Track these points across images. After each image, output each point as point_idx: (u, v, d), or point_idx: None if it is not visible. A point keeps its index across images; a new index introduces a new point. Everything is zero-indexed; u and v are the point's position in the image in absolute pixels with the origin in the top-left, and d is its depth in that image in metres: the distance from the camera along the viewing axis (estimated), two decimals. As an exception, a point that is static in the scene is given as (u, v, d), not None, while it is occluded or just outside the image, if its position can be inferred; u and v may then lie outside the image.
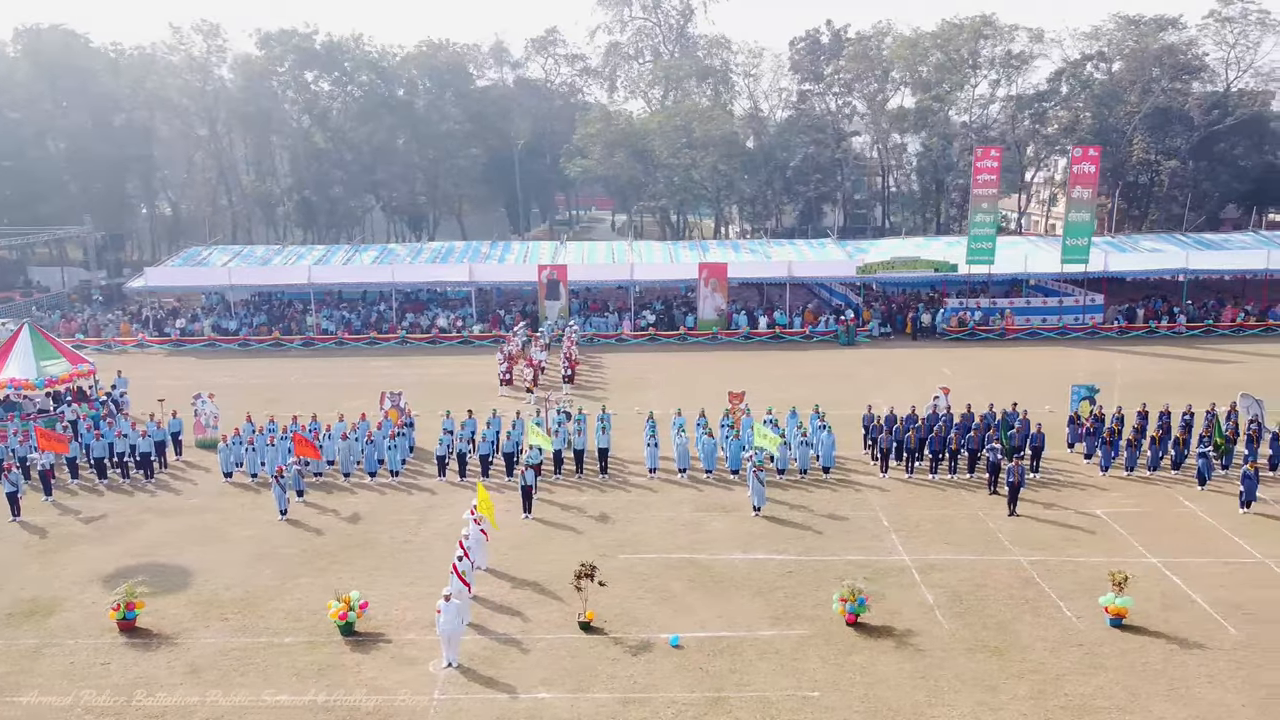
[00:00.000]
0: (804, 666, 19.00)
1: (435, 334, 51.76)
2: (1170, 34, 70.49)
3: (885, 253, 55.91)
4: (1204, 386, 38.47)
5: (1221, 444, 28.51)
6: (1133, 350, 48.13)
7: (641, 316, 52.95)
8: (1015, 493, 26.56)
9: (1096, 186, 52.47)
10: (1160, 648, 19.48)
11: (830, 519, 26.66)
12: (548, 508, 27.80)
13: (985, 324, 51.77)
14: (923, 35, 72.25)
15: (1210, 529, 25.48)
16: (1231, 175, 69.26)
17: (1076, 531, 25.50)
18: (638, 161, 71.60)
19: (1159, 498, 27.85)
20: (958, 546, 24.62)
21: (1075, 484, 29.17)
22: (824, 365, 45.90)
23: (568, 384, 41.52)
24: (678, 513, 27.24)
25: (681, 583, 22.79)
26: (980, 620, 20.67)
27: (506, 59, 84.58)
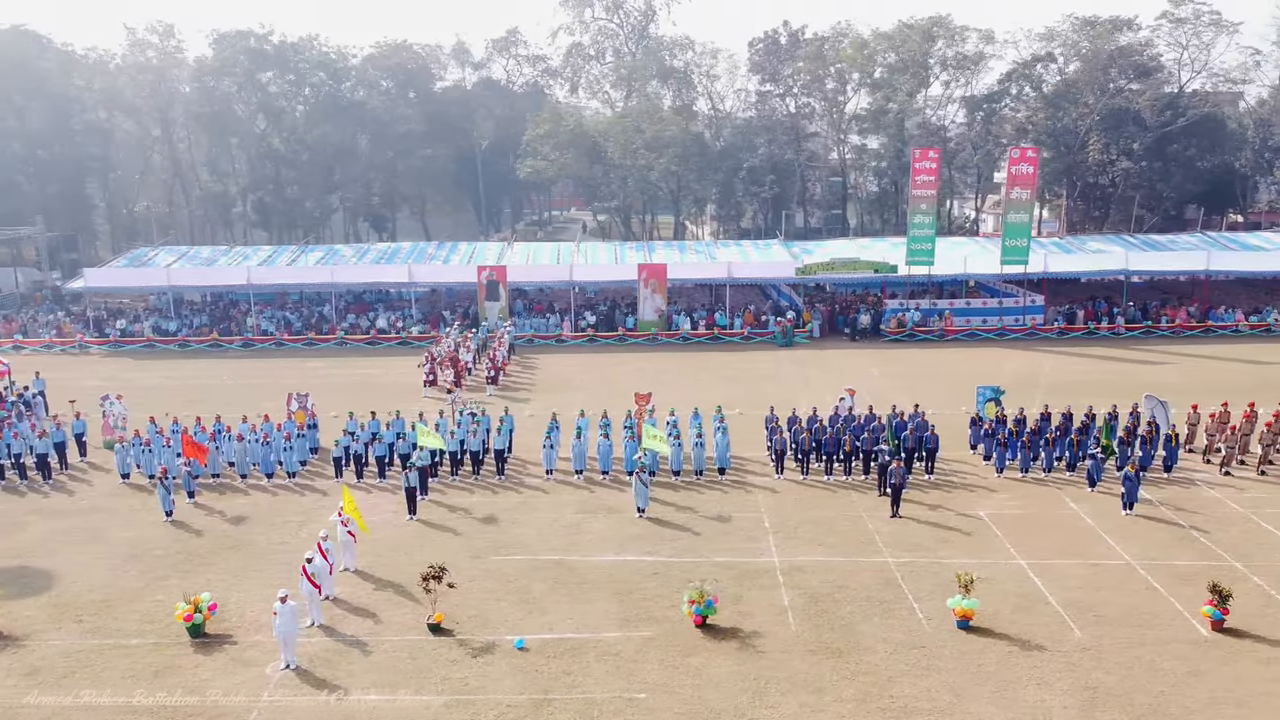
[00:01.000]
0: (640, 669, 18.96)
1: (374, 334, 51.66)
2: (1125, 35, 70.44)
3: (832, 254, 55.91)
4: (1127, 387, 38.51)
5: (1109, 446, 28.46)
6: (1067, 351, 48.15)
7: (582, 318, 52.86)
8: (897, 494, 26.55)
9: (1035, 187, 52.44)
10: (1000, 649, 19.45)
11: (713, 520, 26.63)
12: (435, 509, 27.78)
13: (924, 325, 51.71)
14: (874, 37, 72.19)
15: (1088, 531, 25.47)
16: (1185, 176, 69.25)
17: (954, 533, 25.47)
18: (591, 162, 71.49)
19: (1046, 499, 27.83)
20: (831, 548, 24.59)
21: (968, 485, 29.15)
22: (754, 366, 45.90)
23: (492, 385, 41.47)
24: (561, 514, 27.21)
25: (544, 584, 22.75)
26: (829, 622, 20.65)
27: (467, 60, 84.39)
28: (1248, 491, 28.25)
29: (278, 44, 73.11)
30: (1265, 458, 29.63)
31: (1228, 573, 22.71)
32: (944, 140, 73.38)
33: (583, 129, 71.14)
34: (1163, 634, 19.96)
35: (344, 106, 74.34)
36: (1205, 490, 28.34)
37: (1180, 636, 19.86)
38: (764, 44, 76.84)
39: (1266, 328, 51.58)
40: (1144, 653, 19.22)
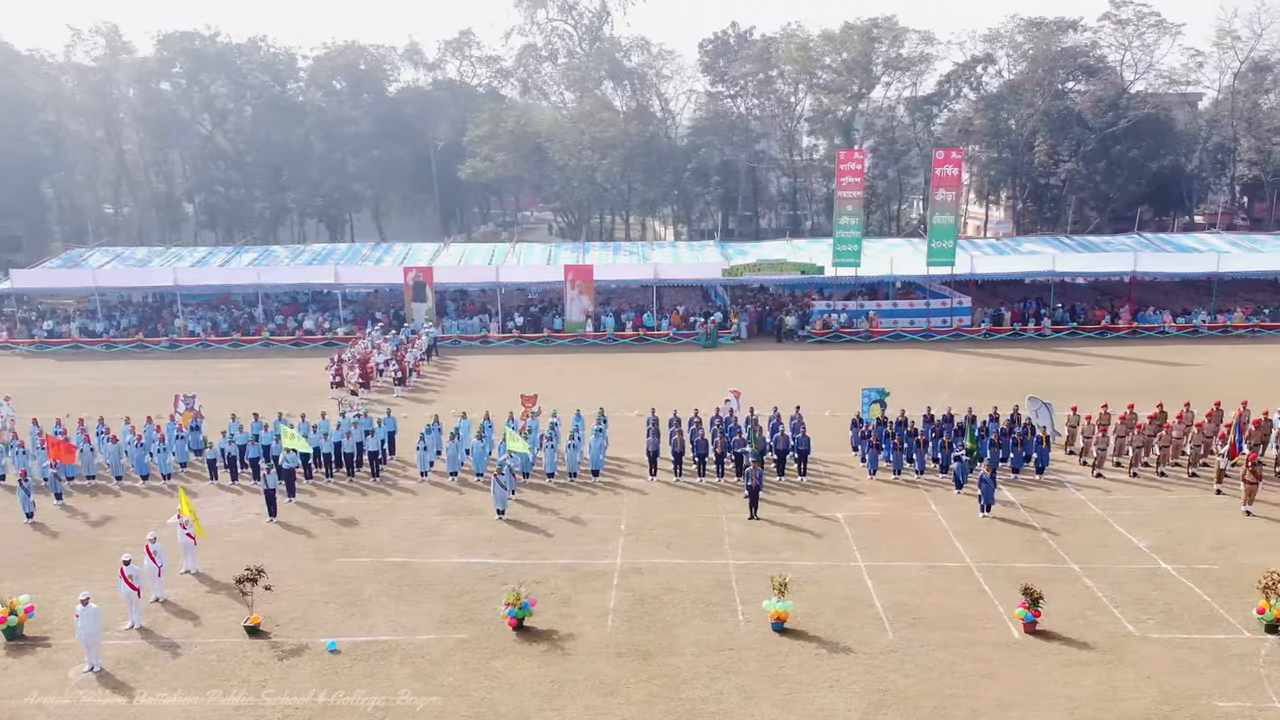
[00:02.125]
0: (442, 671, 18.94)
1: (299, 336, 51.60)
2: (1070, 36, 70.54)
3: (764, 255, 55.96)
4: (1031, 389, 38.32)
5: (973, 448, 28.47)
6: (987, 353, 48.14)
7: (511, 319, 52.84)
8: (754, 496, 26.53)
9: (960, 189, 52.46)
10: (807, 652, 19.45)
11: (571, 522, 26.61)
12: (299, 511, 27.75)
13: (850, 327, 51.72)
14: (818, 38, 72.24)
15: (940, 533, 25.47)
16: (1129, 178, 69.35)
17: (805, 535, 25.47)
18: (533, 163, 71.44)
19: (910, 501, 27.83)
20: (677, 550, 24.58)
21: (838, 487, 29.14)
22: (674, 368, 45.87)
23: (399, 387, 41.42)
24: (422, 516, 27.19)
25: (378, 587, 22.72)
26: (648, 625, 20.63)
27: (420, 61, 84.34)
28: (1113, 494, 28.28)
29: (222, 46, 72.99)
30: (1136, 460, 29.61)
31: (1063, 575, 22.78)
32: (891, 142, 73.42)
33: (522, 130, 71.03)
34: (975, 636, 19.95)
35: (285, 108, 74.25)
36: (1072, 492, 28.36)
37: (991, 639, 19.85)
38: (713, 45, 76.82)
39: (1194, 329, 51.56)
40: (949, 655, 19.21)
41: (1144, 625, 20.30)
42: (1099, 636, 19.86)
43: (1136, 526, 25.58)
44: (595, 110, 72.78)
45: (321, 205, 78.68)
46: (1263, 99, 76.93)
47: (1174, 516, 26.32)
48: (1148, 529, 25.41)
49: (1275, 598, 19.82)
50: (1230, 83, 72.80)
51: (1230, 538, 24.80)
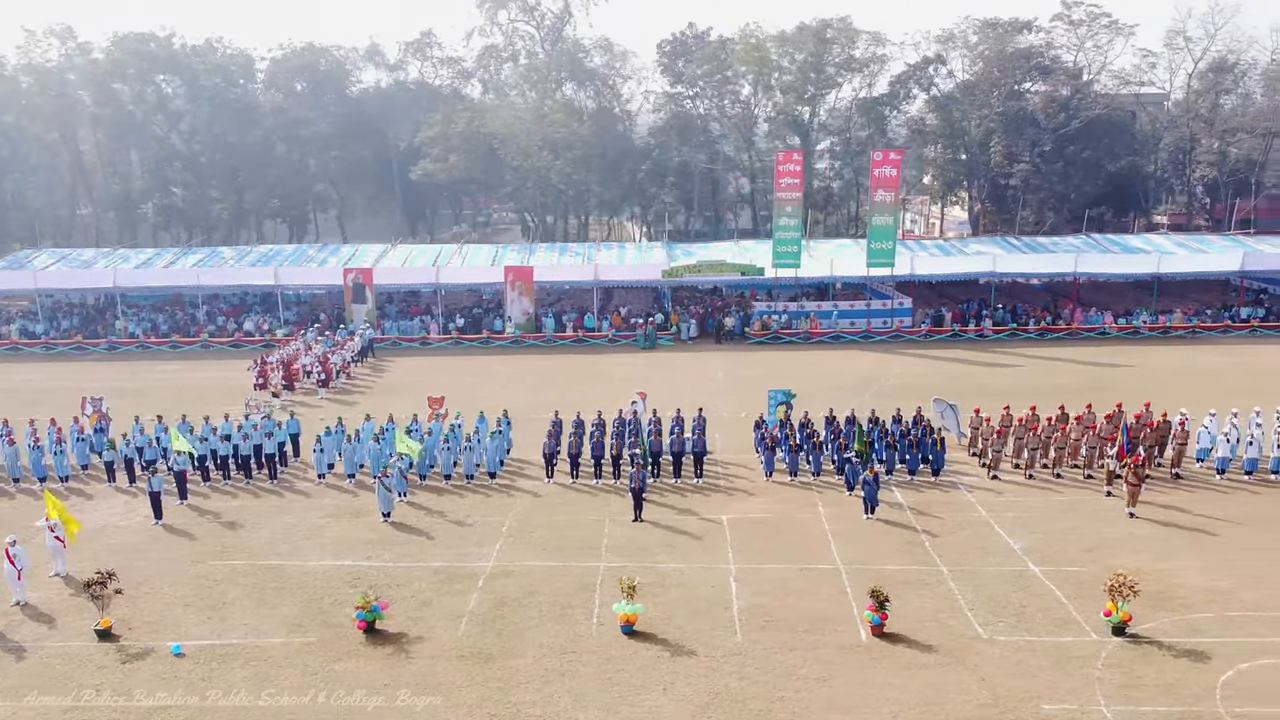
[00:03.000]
0: (279, 674, 18.90)
1: (239, 338, 51.52)
2: (1026, 37, 70.59)
3: (711, 256, 55.94)
4: (957, 390, 38.42)
5: (863, 449, 28.45)
6: (923, 354, 48.11)
7: (452, 320, 52.80)
8: (638, 498, 26.50)
9: (899, 190, 52.45)
10: (650, 654, 19.42)
11: (455, 525, 26.60)
12: (187, 514, 27.70)
13: (790, 328, 51.71)
14: (769, 39, 72.23)
15: (820, 535, 25.44)
16: (1084, 178, 69.38)
17: (684, 538, 25.43)
18: (486, 164, 71.35)
19: (799, 503, 27.79)
20: (552, 553, 24.54)
21: (732, 489, 29.12)
22: (606, 369, 45.81)
23: (323, 389, 41.36)
24: (307, 518, 27.14)
25: (244, 589, 22.68)
26: (500, 627, 20.59)
27: (382, 62, 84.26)
28: (1004, 496, 28.28)
29: (176, 48, 72.92)
30: (1032, 462, 29.62)
31: (930, 577, 22.78)
32: (848, 143, 73.44)
33: (473, 130, 70.95)
34: (822, 639, 19.93)
35: (242, 109, 74.19)
36: (964, 494, 28.36)
37: (838, 642, 19.83)
38: (671, 46, 76.80)
39: (1134, 330, 51.59)
40: (790, 658, 19.19)
41: (994, 628, 20.27)
42: (945, 639, 19.83)
43: (1017, 528, 25.57)
44: (549, 110, 72.68)
45: (278, 206, 78.56)
46: (1224, 99, 77.07)
47: (1058, 518, 26.31)
48: (1027, 531, 25.40)
49: (1122, 600, 19.77)
50: (1186, 83, 72.83)
51: (1107, 540, 24.80)
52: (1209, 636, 19.76)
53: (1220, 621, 20.38)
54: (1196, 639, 19.65)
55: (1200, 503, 27.33)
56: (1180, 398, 34.12)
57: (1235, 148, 71.52)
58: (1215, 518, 26.19)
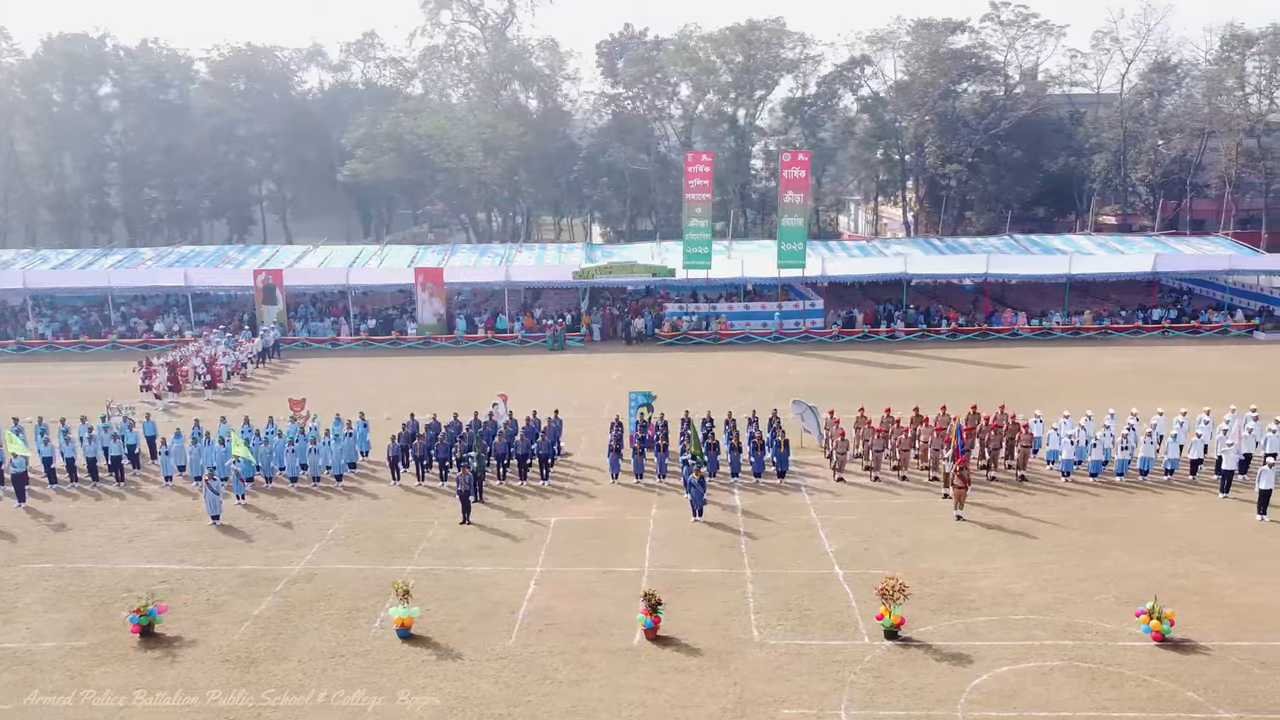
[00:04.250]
0: (40, 678, 18.76)
1: (147, 339, 51.40)
2: (959, 38, 70.62)
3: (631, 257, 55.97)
4: (849, 392, 38.43)
5: (697, 451, 28.39)
6: (828, 355, 48.16)
7: (363, 321, 52.73)
8: (465, 501, 26.43)
9: (809, 191, 52.43)
10: (417, 658, 19.34)
11: (282, 527, 26.54)
12: (20, 516, 27.61)
13: (700, 329, 51.67)
14: (696, 40, 72.24)
15: (640, 537, 25.40)
16: (1014, 178, 69.44)
17: (504, 540, 25.39)
18: (413, 165, 71.22)
19: (636, 506, 27.75)
20: (369, 556, 24.48)
21: (576, 491, 29.13)
22: (508, 370, 45.78)
23: (209, 390, 41.26)
24: (139, 521, 27.05)
25: (40, 593, 22.56)
26: (278, 630, 20.50)
27: (325, 63, 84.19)
28: (843, 498, 28.28)
29: (109, 49, 72.78)
30: (877, 463, 29.59)
31: (731, 580, 22.74)
32: (787, 143, 73.42)
33: (397, 131, 70.80)
34: (596, 642, 19.85)
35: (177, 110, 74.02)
36: (803, 496, 28.33)
37: (610, 645, 19.75)
38: (610, 46, 76.76)
39: (1043, 331, 51.63)
40: (556, 661, 19.12)
41: (771, 631, 20.21)
42: (718, 642, 19.76)
43: (839, 531, 25.54)
44: (479, 111, 72.56)
45: (211, 207, 78.37)
46: (1164, 100, 77.19)
47: (885, 521, 26.28)
48: (848, 534, 25.37)
49: (893, 603, 19.74)
50: (1120, 84, 72.95)
51: (925, 543, 24.78)
52: (981, 640, 19.73)
53: (1000, 625, 20.35)
54: (968, 642, 19.61)
55: (1034, 505, 27.34)
56: (1058, 399, 34.31)
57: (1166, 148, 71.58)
58: (1042, 520, 26.18)
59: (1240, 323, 52.00)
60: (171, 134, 74.00)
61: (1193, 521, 26.03)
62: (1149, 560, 23.51)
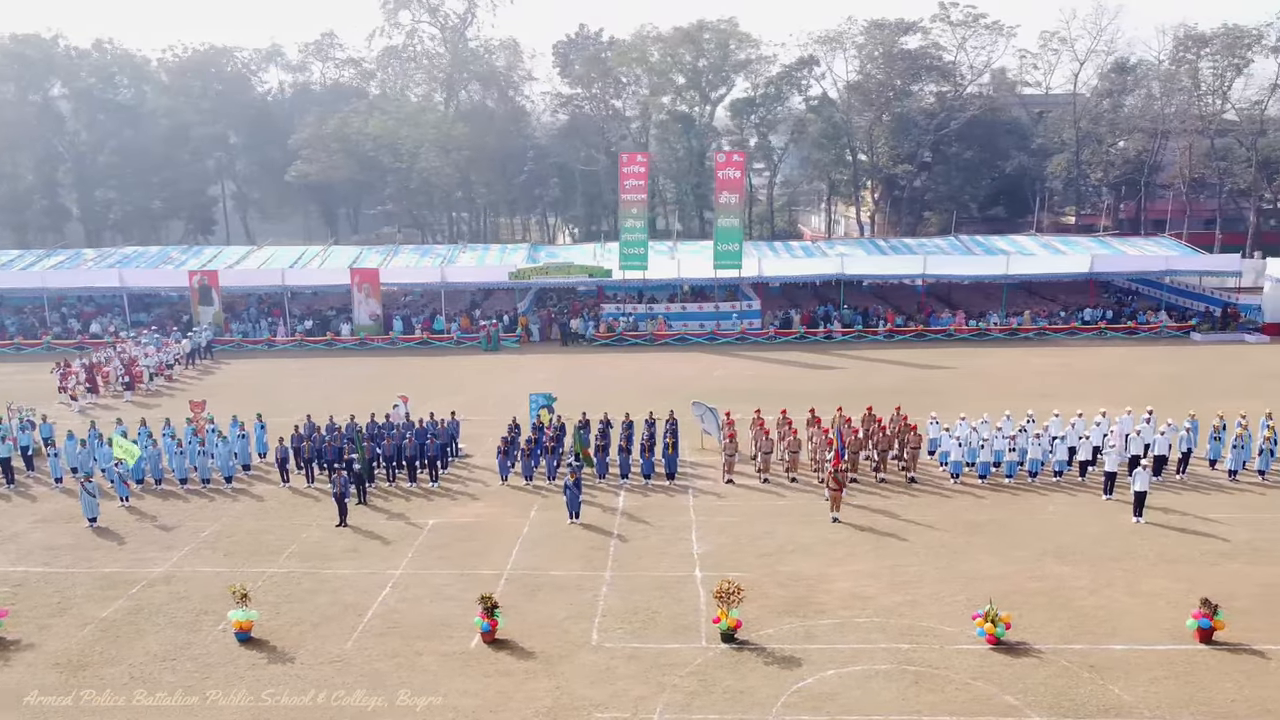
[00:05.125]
0: None
1: (83, 340, 51.31)
2: (912, 38, 70.63)
3: (572, 258, 55.92)
4: (769, 393, 38.37)
5: (581, 453, 28.34)
6: (760, 356, 48.10)
7: (301, 322, 52.65)
8: (339, 503, 26.35)
9: (744, 191, 52.36)
10: (247, 661, 19.25)
11: (158, 529, 26.48)
12: (-105, 520, 27.47)
13: (636, 330, 51.63)
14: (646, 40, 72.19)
15: (509, 540, 25.33)
16: (965, 179, 69.47)
17: (374, 543, 25.33)
18: (363, 166, 71.14)
19: (517, 508, 27.70)
20: (237, 558, 24.42)
21: (463, 493, 29.09)
22: (439, 371, 45.77)
23: (128, 391, 41.17)
24: (16, 523, 26.99)
25: (-112, 598, 22.46)
26: (118, 634, 20.40)
27: (284, 63, 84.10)
28: (727, 499, 28.27)
29: (61, 49, 72.68)
30: (766, 465, 29.55)
31: (589, 583, 22.69)
32: (740, 144, 73.39)
33: (343, 132, 70.73)
34: (432, 645, 19.78)
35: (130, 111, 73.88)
36: (689, 498, 28.28)
37: (446, 649, 19.68)
38: (565, 46, 76.71)
39: (978, 331, 51.64)
40: (386, 665, 19.05)
41: (611, 634, 20.15)
42: (554, 645, 19.70)
43: (712, 534, 25.50)
44: (427, 111, 72.46)
45: (164, 208, 78.23)
46: (1124, 100, 77.27)
47: (760, 523, 26.23)
48: (720, 536, 25.33)
49: (729, 606, 19.70)
50: (1073, 84, 73.01)
51: (794, 545, 24.73)
52: (817, 643, 19.68)
53: (841, 627, 20.31)
54: (802, 645, 19.57)
55: (915, 507, 27.31)
56: (974, 400, 34.56)
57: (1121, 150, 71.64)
58: (918, 523, 26.15)
59: (1176, 324, 52.03)
60: (125, 134, 73.89)
61: (1068, 524, 25.98)
62: (1011, 563, 23.48)
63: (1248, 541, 24.55)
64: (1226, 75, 70.05)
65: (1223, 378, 42.44)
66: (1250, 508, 26.92)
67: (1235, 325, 51.72)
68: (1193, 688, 17.87)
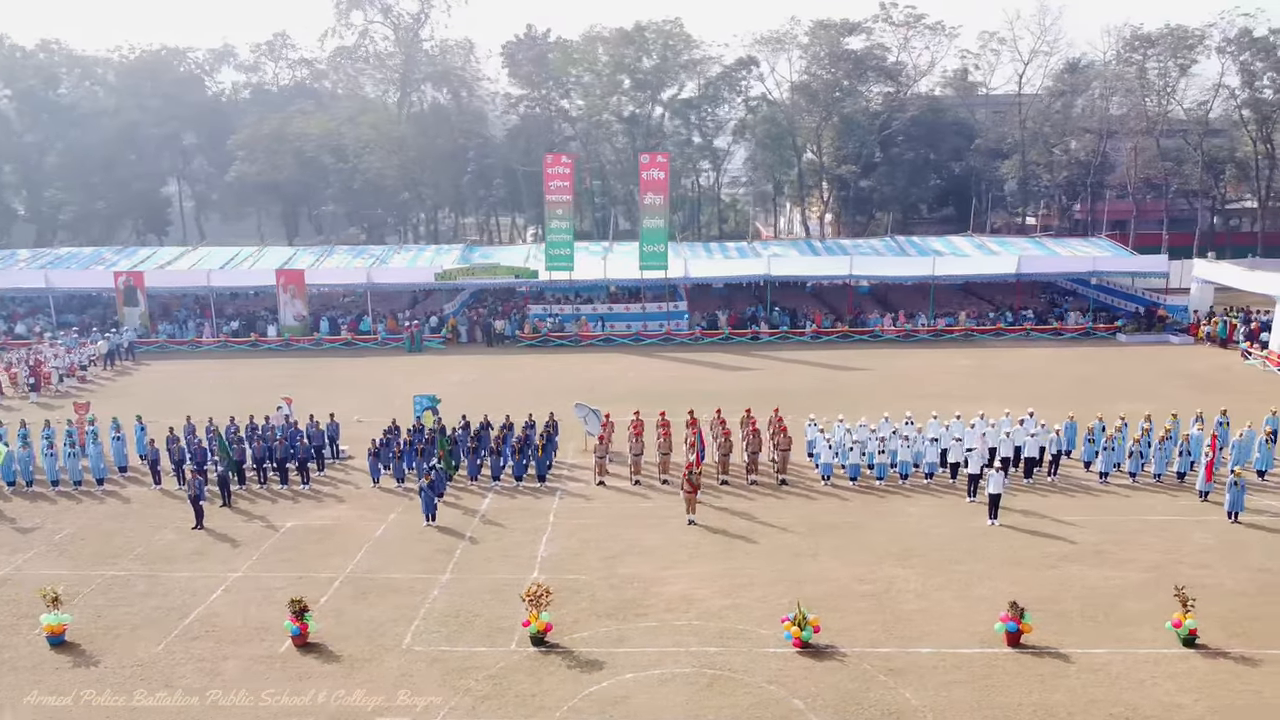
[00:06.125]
0: None
1: (4, 342, 51.21)
2: (856, 39, 70.64)
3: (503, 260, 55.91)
4: (680, 394, 38.35)
5: (440, 455, 28.31)
6: (678, 357, 48.10)
7: (227, 323, 52.58)
8: (195, 505, 26.31)
9: (668, 192, 52.36)
10: (53, 664, 19.24)
11: (16, 531, 26.47)
12: None
13: (562, 331, 51.60)
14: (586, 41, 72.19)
15: (357, 543, 25.26)
16: (909, 180, 69.50)
17: (223, 546, 25.28)
18: (303, 166, 71.04)
19: (378, 510, 27.66)
20: (80, 560, 24.38)
21: (331, 495, 29.05)
22: (359, 372, 45.75)
23: (34, 393, 41.08)
24: (-127, 527, 26.89)
25: None
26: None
27: (237, 63, 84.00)
28: (593, 501, 28.29)
29: (6, 48, 72.58)
30: (637, 467, 29.53)
31: (423, 585, 22.72)
32: (685, 144, 73.37)
33: (283, 131, 70.62)
34: (241, 650, 19.71)
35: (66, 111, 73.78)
36: (554, 500, 28.26)
37: (258, 653, 19.64)
38: (513, 48, 76.67)
39: (904, 333, 51.67)
40: (190, 669, 19.00)
41: (425, 638, 20.11)
42: (363, 649, 19.66)
43: (564, 535, 25.49)
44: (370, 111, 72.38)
45: (108, 208, 78.06)
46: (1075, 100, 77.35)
47: (618, 525, 26.21)
48: (571, 538, 25.32)
49: (538, 609, 19.68)
50: (1018, 85, 73.13)
51: (641, 547, 24.71)
52: (625, 646, 19.66)
53: (656, 630, 20.29)
54: (610, 649, 19.54)
55: (775, 509, 27.32)
56: (874, 401, 34.50)
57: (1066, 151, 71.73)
58: (773, 525, 26.15)
59: (1105, 325, 52.16)
60: (72, 135, 73.75)
61: (923, 526, 25.98)
62: (851, 565, 23.48)
63: (1094, 544, 24.56)
64: (1171, 75, 70.10)
65: (1133, 379, 42.55)
66: (1108, 510, 26.95)
67: (1162, 327, 51.73)
68: (984, 692, 17.87)
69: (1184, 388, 40.66)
